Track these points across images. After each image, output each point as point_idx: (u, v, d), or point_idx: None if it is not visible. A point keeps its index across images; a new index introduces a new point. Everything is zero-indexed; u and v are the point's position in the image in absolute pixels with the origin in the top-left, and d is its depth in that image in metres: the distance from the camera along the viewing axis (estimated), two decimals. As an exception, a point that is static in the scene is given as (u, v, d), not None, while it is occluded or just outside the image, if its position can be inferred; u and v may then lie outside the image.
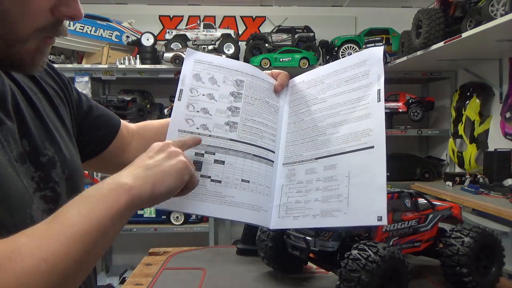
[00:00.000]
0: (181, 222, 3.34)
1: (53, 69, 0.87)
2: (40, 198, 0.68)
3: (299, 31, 3.66)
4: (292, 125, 0.95)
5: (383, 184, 0.75)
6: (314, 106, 0.93)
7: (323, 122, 0.89)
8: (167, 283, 1.15)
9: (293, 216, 0.84)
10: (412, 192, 1.12)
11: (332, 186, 0.82)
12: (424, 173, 3.40)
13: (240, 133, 0.90)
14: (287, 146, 0.93)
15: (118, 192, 0.61)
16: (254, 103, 0.93)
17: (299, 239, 1.04)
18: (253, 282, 1.14)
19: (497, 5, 2.11)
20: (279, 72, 1.00)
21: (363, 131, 0.82)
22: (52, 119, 0.77)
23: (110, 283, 3.58)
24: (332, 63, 0.96)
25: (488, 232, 1.07)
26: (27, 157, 0.69)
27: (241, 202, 0.84)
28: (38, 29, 0.62)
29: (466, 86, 3.15)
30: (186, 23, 3.96)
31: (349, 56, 0.93)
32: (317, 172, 0.86)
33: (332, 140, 0.86)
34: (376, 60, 0.86)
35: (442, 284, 1.08)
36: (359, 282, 0.85)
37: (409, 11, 3.61)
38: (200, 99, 0.91)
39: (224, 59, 0.97)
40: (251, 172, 0.87)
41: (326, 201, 0.81)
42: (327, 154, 0.86)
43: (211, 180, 0.85)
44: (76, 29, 3.41)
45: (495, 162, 2.63)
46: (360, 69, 0.87)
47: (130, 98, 3.44)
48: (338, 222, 0.79)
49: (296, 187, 0.87)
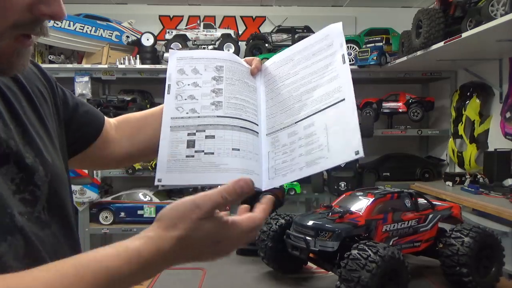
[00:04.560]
0: (181, 222, 3.34)
1: (38, 67, 0.85)
2: (18, 200, 0.66)
3: (299, 31, 3.66)
4: (270, 101, 1.04)
5: (356, 125, 0.84)
6: (287, 80, 1.02)
7: (297, 91, 0.99)
8: (167, 283, 1.15)
9: (281, 175, 0.91)
10: (412, 192, 1.12)
11: (312, 140, 0.90)
12: (424, 173, 3.40)
13: (226, 110, 0.98)
14: (268, 119, 1.02)
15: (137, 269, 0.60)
16: (235, 84, 1.02)
17: (299, 239, 1.04)
18: (253, 282, 1.14)
19: (497, 5, 2.11)
20: (252, 58, 1.09)
21: (334, 89, 0.91)
22: (33, 123, 0.75)
23: (110, 283, 3.58)
24: (297, 43, 1.06)
25: (488, 232, 1.07)
26: (12, 157, 0.67)
27: (235, 167, 0.91)
28: (12, 26, 0.59)
29: (466, 86, 3.15)
30: (186, 23, 3.96)
31: (312, 35, 1.03)
32: (298, 133, 0.94)
33: (308, 104, 0.95)
34: (337, 32, 0.97)
35: (442, 284, 1.08)
36: (359, 282, 0.85)
37: (409, 11, 3.61)
38: (186, 88, 1.00)
39: (203, 51, 1.12)
40: (240, 142, 0.95)
41: (309, 154, 0.89)
42: (305, 116, 0.94)
43: (205, 153, 0.92)
44: (76, 29, 3.41)
45: (495, 162, 2.63)
46: (324, 43, 0.99)
47: (130, 98, 3.44)
48: (323, 167, 0.86)
49: (281, 150, 0.95)
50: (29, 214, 0.67)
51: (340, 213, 1.01)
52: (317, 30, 1.02)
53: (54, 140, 0.81)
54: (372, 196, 1.05)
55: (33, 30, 0.63)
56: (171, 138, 0.93)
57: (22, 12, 0.60)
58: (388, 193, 1.07)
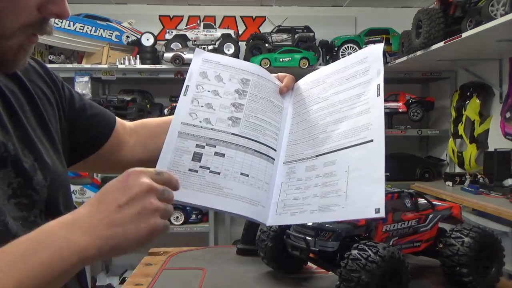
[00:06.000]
0: (181, 222, 3.34)
1: (44, 68, 0.85)
2: (14, 205, 0.66)
3: (299, 31, 3.66)
4: (295, 126, 0.95)
5: (381, 176, 0.74)
6: (316, 105, 0.93)
7: (324, 120, 0.90)
8: (167, 283, 1.15)
9: (290, 213, 0.83)
10: (412, 192, 1.12)
11: (331, 181, 0.81)
12: (424, 173, 3.40)
13: (243, 128, 0.90)
14: (289, 146, 0.93)
15: (67, 254, 0.55)
16: (259, 101, 0.94)
17: (299, 239, 1.04)
18: (253, 282, 1.14)
19: (497, 5, 2.11)
20: (285, 75, 1.01)
21: (363, 126, 0.82)
22: (33, 126, 0.75)
23: (110, 283, 3.58)
24: (334, 62, 0.97)
25: (488, 232, 1.07)
26: (10, 161, 0.66)
27: (239, 195, 0.83)
28: (24, 26, 0.61)
29: (466, 86, 3.15)
30: (186, 23, 3.96)
31: (350, 55, 0.94)
32: (317, 168, 0.85)
33: (333, 137, 0.86)
34: (376, 57, 0.87)
35: (442, 284, 1.08)
36: (359, 282, 0.85)
37: (409, 11, 3.61)
38: (205, 94, 0.92)
39: (232, 59, 0.99)
40: (251, 167, 0.87)
41: (324, 197, 0.80)
42: (328, 151, 0.85)
43: (210, 171, 0.84)
44: (76, 29, 3.41)
45: (495, 162, 2.63)
46: (360, 66, 0.89)
47: (130, 98, 3.44)
48: (336, 217, 0.79)
49: (296, 184, 0.86)
50: (24, 219, 0.66)
51: (340, 213, 1.00)
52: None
53: (57, 143, 0.80)
54: (372, 196, 1.05)
55: (42, 30, 0.64)
56: (177, 145, 0.86)
57: (31, 12, 0.61)
58: (388, 193, 1.06)
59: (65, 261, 0.55)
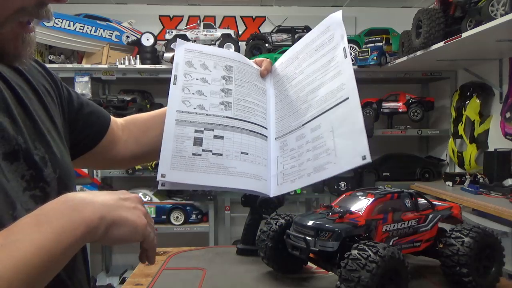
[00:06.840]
0: (181, 222, 3.34)
1: (43, 67, 0.86)
2: (30, 197, 0.67)
3: (299, 31, 3.66)
4: (279, 103, 1.02)
5: (362, 127, 0.81)
6: (294, 80, 1.00)
7: (303, 92, 0.96)
8: (167, 283, 1.15)
9: (290, 180, 0.89)
10: (412, 192, 1.12)
11: (319, 144, 0.87)
12: (424, 173, 3.40)
13: (235, 111, 0.96)
14: (277, 122, 1.00)
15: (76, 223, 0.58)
16: (244, 85, 1.01)
17: (299, 239, 1.04)
18: (253, 282, 1.14)
19: (497, 5, 2.11)
20: (262, 59, 1.08)
21: (338, 87, 0.88)
22: (42, 118, 0.76)
23: (110, 283, 3.58)
24: (302, 38, 1.04)
25: (488, 232, 1.07)
26: (22, 154, 0.67)
27: (243, 172, 0.89)
28: (19, 10, 0.60)
29: (466, 86, 3.15)
30: (186, 23, 3.96)
31: (314, 28, 1.01)
32: (306, 136, 0.91)
33: (314, 104, 0.92)
34: (337, 24, 0.95)
35: (442, 284, 1.08)
36: (359, 282, 0.85)
37: (409, 11, 3.60)
38: (194, 82, 0.97)
39: (212, 47, 1.05)
40: (249, 146, 0.93)
41: (316, 159, 0.86)
42: (312, 118, 0.92)
43: (213, 153, 0.89)
44: (76, 29, 3.41)
45: (495, 162, 2.63)
46: (325, 36, 0.96)
47: (130, 98, 3.44)
48: (331, 173, 0.84)
49: (290, 154, 0.93)
50: None
51: (340, 213, 1.01)
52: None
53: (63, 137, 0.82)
54: (372, 196, 1.05)
55: (38, 14, 0.63)
56: (176, 132, 0.90)
57: None
58: (388, 193, 1.07)
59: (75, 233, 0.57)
